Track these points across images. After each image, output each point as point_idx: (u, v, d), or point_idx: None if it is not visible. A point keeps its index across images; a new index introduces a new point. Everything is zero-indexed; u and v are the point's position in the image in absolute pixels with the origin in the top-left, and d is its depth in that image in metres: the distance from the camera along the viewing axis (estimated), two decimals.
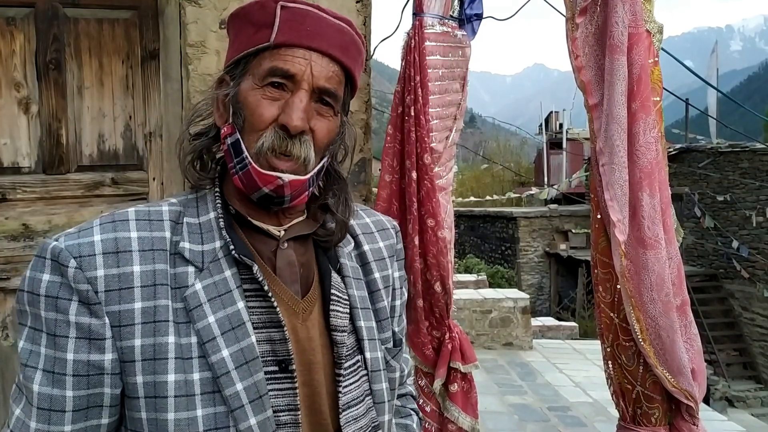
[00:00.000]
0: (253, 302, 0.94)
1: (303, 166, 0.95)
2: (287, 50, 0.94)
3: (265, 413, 0.90)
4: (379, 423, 1.03)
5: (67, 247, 0.89)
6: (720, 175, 14.38)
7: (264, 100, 0.94)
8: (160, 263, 0.92)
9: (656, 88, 1.74)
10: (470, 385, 2.39)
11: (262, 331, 0.94)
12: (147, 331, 0.89)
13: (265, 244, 1.00)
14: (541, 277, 19.74)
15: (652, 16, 1.74)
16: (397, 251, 1.18)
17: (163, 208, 0.98)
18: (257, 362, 0.91)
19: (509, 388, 6.71)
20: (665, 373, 1.74)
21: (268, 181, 0.94)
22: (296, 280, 1.00)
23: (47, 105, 2.25)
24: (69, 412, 0.88)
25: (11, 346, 2.23)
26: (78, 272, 0.88)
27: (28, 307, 0.90)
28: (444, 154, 2.34)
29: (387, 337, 1.11)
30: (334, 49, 0.96)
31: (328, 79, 0.96)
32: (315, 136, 0.96)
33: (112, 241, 0.91)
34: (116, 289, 0.89)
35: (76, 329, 0.88)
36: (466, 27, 2.43)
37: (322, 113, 0.97)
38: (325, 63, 0.96)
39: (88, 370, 0.88)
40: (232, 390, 0.89)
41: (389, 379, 1.08)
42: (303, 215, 1.06)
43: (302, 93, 0.94)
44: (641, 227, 1.69)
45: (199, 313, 0.90)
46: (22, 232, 2.25)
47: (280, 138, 0.93)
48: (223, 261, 0.94)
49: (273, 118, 0.94)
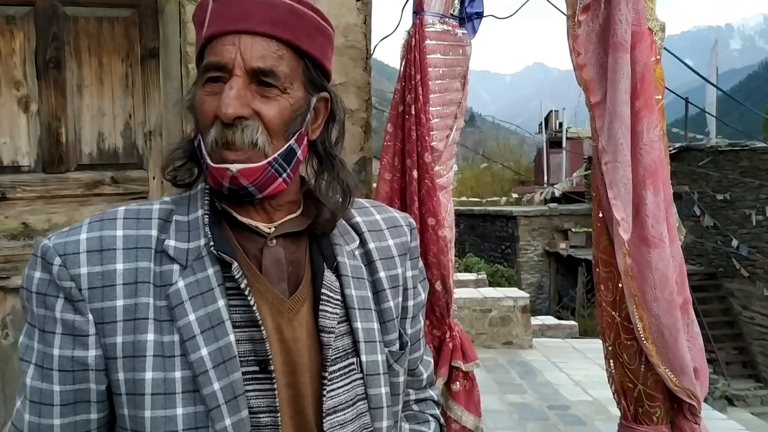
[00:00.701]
0: (235, 300, 0.93)
1: (254, 153, 0.92)
2: (217, 41, 0.93)
3: (239, 414, 0.89)
4: (374, 429, 1.00)
5: (54, 246, 0.91)
6: (719, 174, 14.38)
7: (206, 97, 0.93)
8: (144, 261, 0.92)
9: (658, 86, 1.73)
10: (472, 384, 2.39)
11: (244, 330, 0.92)
12: (128, 328, 0.89)
13: (253, 242, 0.98)
14: (540, 276, 19.74)
15: (654, 14, 1.73)
16: (411, 249, 1.13)
17: (154, 206, 0.98)
18: (234, 362, 0.90)
19: (509, 386, 6.70)
20: (667, 371, 1.73)
21: (221, 174, 0.92)
22: (283, 279, 0.98)
23: (47, 104, 2.24)
24: (57, 406, 0.90)
25: (11, 345, 2.23)
26: (62, 270, 0.89)
27: (26, 303, 0.92)
28: (444, 152, 2.33)
29: (392, 339, 1.05)
30: (263, 25, 0.92)
31: (261, 58, 0.91)
32: (263, 120, 0.92)
33: (96, 240, 0.91)
34: (99, 287, 0.89)
35: (61, 325, 0.89)
36: (467, 25, 2.43)
37: (265, 95, 0.92)
38: (257, 43, 0.91)
39: (73, 365, 0.89)
40: (209, 389, 0.88)
41: (392, 383, 1.04)
42: (298, 210, 1.03)
43: (234, 79, 0.91)
44: (645, 226, 1.68)
45: (181, 311, 0.90)
46: (22, 231, 2.25)
47: (220, 130, 0.91)
48: (206, 259, 0.93)
49: (214, 113, 0.92)
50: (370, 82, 2.51)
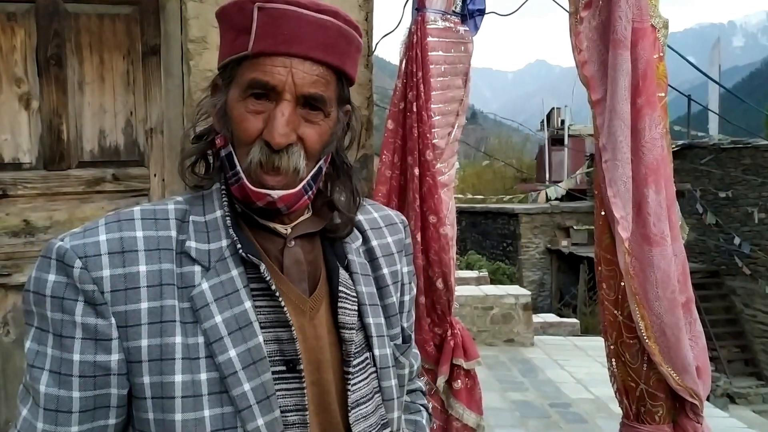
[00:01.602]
0: (260, 302, 0.94)
1: (294, 178, 0.93)
2: (266, 59, 0.91)
3: (272, 413, 0.90)
4: (389, 420, 1.03)
5: (72, 247, 0.89)
6: (722, 172, 14.35)
7: (248, 114, 0.92)
8: (167, 263, 0.91)
9: (661, 83, 1.72)
10: (474, 382, 2.39)
11: (269, 331, 0.93)
12: (154, 331, 0.88)
13: (273, 243, 0.99)
14: (542, 273, 19.72)
15: (657, 11, 1.72)
16: (406, 246, 1.16)
17: (169, 206, 0.97)
18: (265, 362, 0.90)
19: (510, 384, 6.70)
20: (670, 370, 1.73)
21: (259, 197, 0.93)
22: (304, 279, 0.99)
23: (48, 101, 2.24)
24: (76, 413, 0.88)
25: (12, 342, 2.23)
26: (84, 272, 0.87)
27: (35, 307, 0.89)
28: (446, 150, 2.33)
29: (396, 334, 1.10)
30: (315, 50, 0.92)
31: (312, 84, 0.91)
32: (305, 144, 0.93)
33: (117, 241, 0.90)
34: (122, 290, 0.88)
35: (82, 330, 0.87)
36: (469, 22, 2.42)
37: (310, 119, 0.93)
38: (308, 67, 0.91)
39: (95, 370, 0.87)
40: (240, 390, 0.88)
41: (398, 375, 1.07)
42: (309, 212, 1.05)
43: (284, 104, 0.90)
44: (647, 224, 1.68)
45: (206, 313, 0.90)
46: (23, 229, 2.25)
47: (267, 154, 0.91)
48: (230, 260, 0.93)
49: (258, 133, 0.91)
50: (371, 80, 2.50)
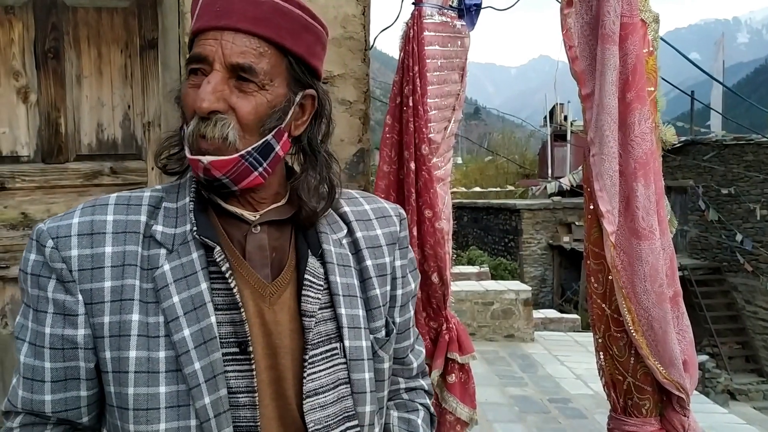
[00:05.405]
0: (217, 284, 0.96)
1: (223, 145, 0.94)
2: (201, 35, 0.96)
3: (218, 392, 0.92)
4: (357, 413, 1.02)
5: (48, 229, 0.95)
6: (724, 168, 14.33)
7: (189, 89, 0.96)
8: (131, 245, 0.96)
9: (651, 77, 1.73)
10: (468, 376, 2.40)
11: (225, 313, 0.96)
12: (114, 308, 0.93)
13: (238, 229, 1.02)
14: (544, 269, 19.74)
15: (648, 6, 1.73)
16: (400, 239, 1.15)
17: (145, 194, 1.03)
18: (215, 342, 0.93)
19: (510, 379, 6.72)
20: (657, 364, 1.74)
21: (195, 165, 0.96)
22: (266, 264, 1.01)
23: (46, 94, 2.25)
24: (48, 382, 0.94)
25: (11, 334, 2.25)
26: (54, 252, 0.94)
27: (23, 284, 0.97)
28: (442, 144, 2.33)
29: (378, 327, 1.07)
30: (245, 22, 0.94)
31: (241, 54, 0.93)
32: (237, 114, 0.94)
33: (88, 224, 0.96)
34: (89, 269, 0.94)
35: (53, 305, 0.94)
36: (466, 17, 2.42)
37: (243, 89, 0.95)
38: (238, 39, 0.94)
39: (63, 343, 0.93)
40: (191, 369, 0.91)
41: (376, 369, 1.06)
42: (284, 200, 1.06)
43: (213, 74, 0.93)
44: (635, 218, 1.68)
45: (165, 293, 0.94)
46: (21, 221, 2.27)
47: (197, 122, 0.94)
48: (191, 243, 0.97)
49: (194, 105, 0.95)
50: (368, 74, 2.50)
